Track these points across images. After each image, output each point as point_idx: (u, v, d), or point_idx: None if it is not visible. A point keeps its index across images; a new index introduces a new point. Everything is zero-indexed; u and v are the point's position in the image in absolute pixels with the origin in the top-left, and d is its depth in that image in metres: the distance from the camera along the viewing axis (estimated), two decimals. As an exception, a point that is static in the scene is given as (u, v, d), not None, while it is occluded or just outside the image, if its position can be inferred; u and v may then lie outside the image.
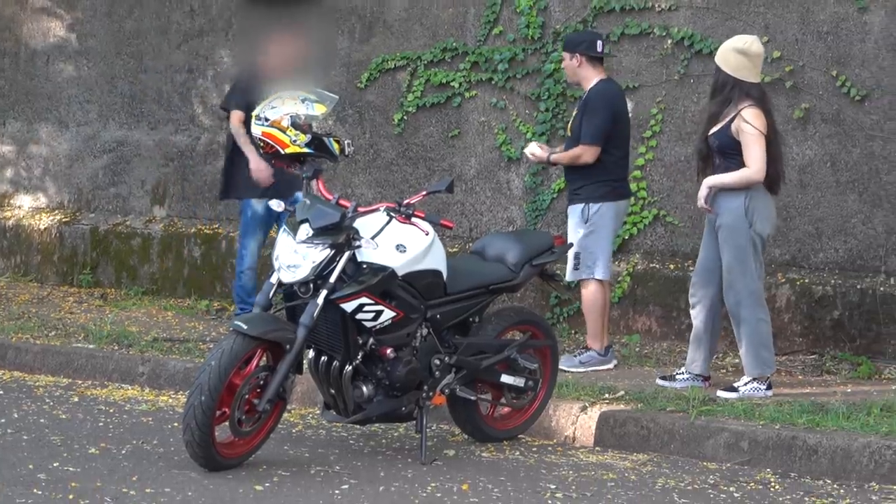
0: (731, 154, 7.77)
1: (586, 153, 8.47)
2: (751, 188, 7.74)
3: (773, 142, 7.78)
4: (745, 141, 7.71)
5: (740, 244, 7.80)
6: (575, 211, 8.57)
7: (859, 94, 9.02)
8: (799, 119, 9.17)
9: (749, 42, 7.85)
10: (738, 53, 7.79)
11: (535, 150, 8.72)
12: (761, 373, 7.86)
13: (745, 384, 7.84)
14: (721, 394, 7.78)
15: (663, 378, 8.13)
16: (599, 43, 8.62)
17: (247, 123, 8.32)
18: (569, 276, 8.58)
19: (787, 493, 6.50)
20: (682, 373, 8.10)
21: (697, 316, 8.05)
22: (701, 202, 7.86)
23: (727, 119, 7.76)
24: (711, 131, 7.82)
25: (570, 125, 8.72)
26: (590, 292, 8.57)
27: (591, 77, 8.60)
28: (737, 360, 8.77)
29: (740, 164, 7.74)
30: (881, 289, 8.97)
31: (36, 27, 11.99)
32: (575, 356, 8.63)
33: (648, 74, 9.64)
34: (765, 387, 7.84)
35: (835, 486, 6.70)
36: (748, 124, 7.69)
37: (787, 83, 9.17)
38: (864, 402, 7.57)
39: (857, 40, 9.07)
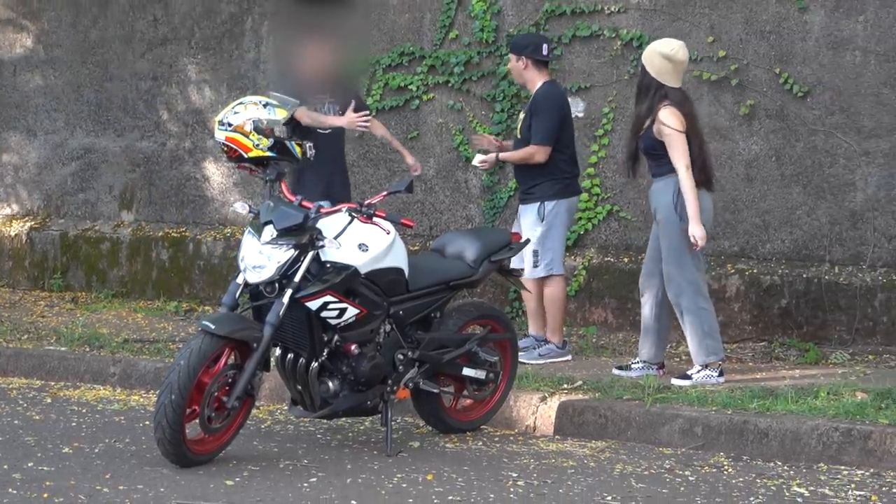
0: (656, 155, 7.92)
1: (538, 153, 8.54)
2: (679, 185, 7.83)
3: (693, 142, 7.84)
4: (667, 142, 7.81)
5: (674, 238, 7.92)
6: (530, 210, 8.62)
7: (801, 91, 9.17)
8: (744, 115, 9.31)
9: (675, 48, 7.93)
10: (663, 58, 7.88)
11: (479, 158, 8.75)
12: (707, 360, 7.97)
13: (698, 372, 7.96)
14: (675, 381, 7.89)
15: (619, 368, 8.25)
16: (545, 46, 8.68)
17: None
18: (528, 273, 8.57)
19: (739, 476, 6.58)
20: (637, 362, 8.24)
21: (646, 305, 8.18)
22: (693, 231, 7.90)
23: (650, 121, 7.88)
24: (640, 133, 7.94)
25: (519, 127, 8.75)
26: (553, 288, 8.63)
27: (536, 80, 8.66)
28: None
29: (667, 163, 7.86)
30: (826, 277, 9.12)
31: (2, 38, 11.94)
32: (534, 349, 8.74)
33: (599, 75, 9.74)
34: (716, 374, 7.96)
35: (785, 467, 6.79)
36: (664, 125, 7.81)
37: (733, 81, 9.31)
38: (812, 386, 7.68)
39: (799, 39, 9.20)
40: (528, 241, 8.16)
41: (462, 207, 10.27)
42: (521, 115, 8.80)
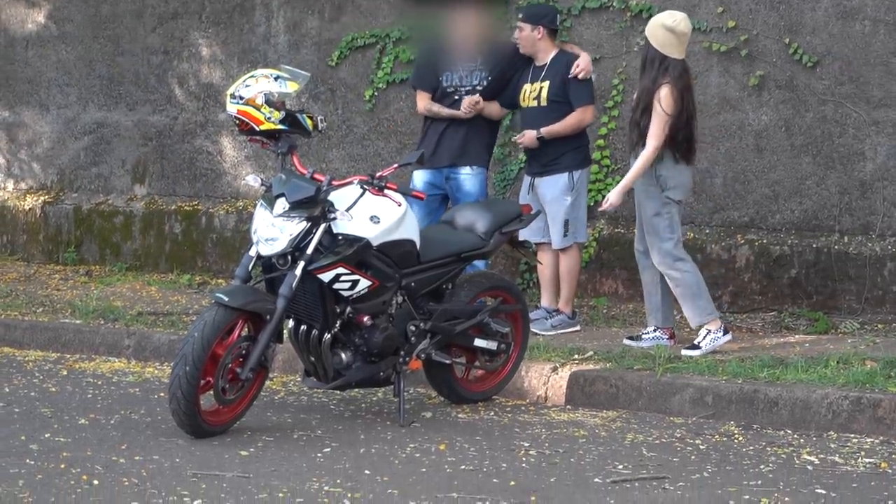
0: (649, 124, 7.95)
1: (587, 113, 8.60)
2: (661, 159, 7.92)
3: (682, 117, 7.88)
4: (652, 117, 7.89)
5: (651, 209, 8.02)
6: (557, 181, 8.59)
7: (811, 61, 9.16)
8: (754, 86, 9.31)
9: (678, 20, 7.95)
10: (665, 30, 7.90)
11: (525, 141, 8.72)
12: (703, 321, 8.02)
13: (704, 338, 8.01)
14: (685, 352, 7.93)
15: (630, 338, 8.30)
16: (557, 17, 8.82)
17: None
18: (557, 243, 8.61)
19: (749, 444, 6.63)
20: (648, 332, 8.31)
21: (644, 273, 8.27)
22: (613, 200, 8.05)
23: (648, 91, 7.92)
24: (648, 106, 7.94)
25: (541, 95, 8.66)
26: (573, 257, 8.69)
27: (549, 49, 8.69)
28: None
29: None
30: (836, 247, 9.13)
31: (14, 13, 11.94)
32: (545, 320, 8.79)
33: (609, 46, 9.74)
34: (721, 333, 8.02)
35: (795, 435, 6.83)
36: (657, 103, 7.87)
37: (742, 52, 9.31)
38: (822, 355, 7.72)
39: (808, 9, 9.18)
40: (538, 212, 8.17)
41: (473, 179, 10.25)
42: (535, 84, 8.71)
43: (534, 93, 8.71)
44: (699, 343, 8.03)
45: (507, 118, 9.80)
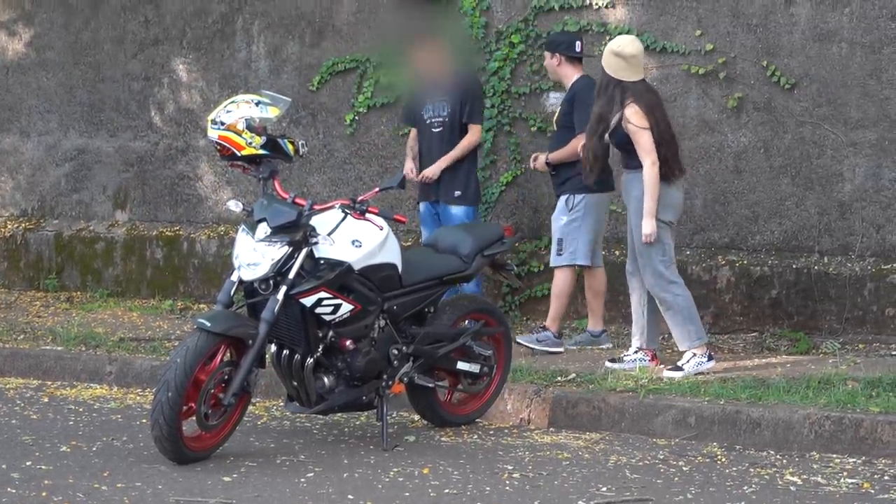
0: (628, 149, 8.04)
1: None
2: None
3: (658, 137, 7.95)
4: (633, 139, 7.96)
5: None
6: (560, 202, 8.81)
7: (789, 83, 9.22)
8: (733, 108, 9.35)
9: (623, 43, 8.12)
10: (614, 55, 8.06)
11: (537, 166, 8.99)
12: (693, 345, 8.04)
13: (688, 361, 8.03)
14: (667, 374, 7.94)
15: (612, 361, 8.33)
16: (578, 43, 8.97)
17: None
18: (552, 261, 8.82)
19: (733, 465, 6.65)
20: (629, 354, 8.31)
21: (633, 294, 8.29)
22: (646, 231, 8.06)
23: (617, 117, 7.99)
24: (610, 131, 8.03)
25: (555, 119, 8.97)
26: (562, 278, 8.81)
27: (571, 75, 8.90)
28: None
29: (637, 157, 7.99)
30: (815, 268, 9.17)
31: (-6, 40, 12.03)
32: (533, 333, 8.85)
33: (589, 69, 9.63)
34: (706, 359, 8.05)
35: (778, 456, 6.87)
36: (629, 123, 7.94)
37: (721, 74, 9.36)
38: (803, 375, 7.74)
39: (786, 31, 9.25)
40: (521, 235, 8.22)
41: (454, 203, 10.28)
42: (557, 109, 9.03)
43: (555, 116, 9.05)
44: (682, 365, 8.05)
45: (489, 141, 9.86)
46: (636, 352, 8.28)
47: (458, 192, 9.18)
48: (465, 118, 9.24)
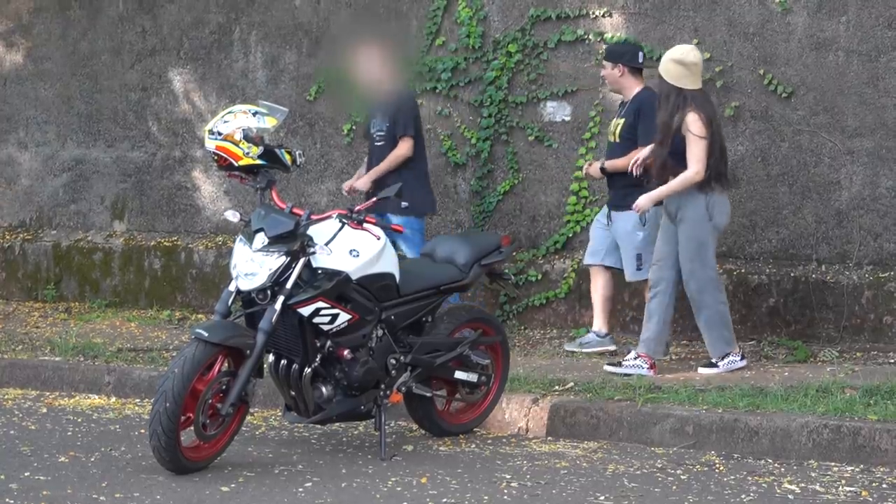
0: (683, 155, 8.13)
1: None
2: (711, 187, 8.11)
3: (714, 142, 8.11)
4: (687, 144, 8.07)
5: (701, 237, 8.17)
6: (630, 217, 8.59)
7: (786, 92, 9.24)
8: (730, 117, 9.36)
9: (685, 52, 8.21)
10: (676, 63, 8.15)
11: (590, 171, 8.94)
12: (724, 352, 8.24)
13: (722, 359, 8.26)
14: (701, 370, 8.21)
15: (610, 364, 8.38)
16: (640, 54, 8.90)
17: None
18: (631, 276, 8.74)
19: (731, 474, 6.65)
20: (629, 359, 8.33)
21: (652, 300, 8.34)
22: (642, 205, 8.22)
23: (676, 124, 8.10)
24: (670, 138, 8.13)
25: (616, 131, 8.81)
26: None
27: (632, 86, 8.83)
28: (678, 349, 9.04)
29: None
30: (813, 276, 9.18)
31: (-9, 51, 12.04)
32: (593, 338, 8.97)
33: (585, 79, 9.80)
34: (738, 358, 8.30)
35: (776, 464, 6.86)
36: (689, 130, 8.06)
37: (718, 83, 9.36)
38: (801, 384, 7.74)
39: (782, 40, 9.27)
40: (512, 242, 8.16)
41: (451, 212, 10.31)
42: (616, 120, 8.87)
43: (615, 128, 8.88)
44: (717, 362, 8.25)
45: (486, 151, 9.85)
46: (636, 357, 8.30)
47: (404, 204, 9.08)
48: (398, 131, 9.25)
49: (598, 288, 8.95)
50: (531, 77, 9.98)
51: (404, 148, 9.26)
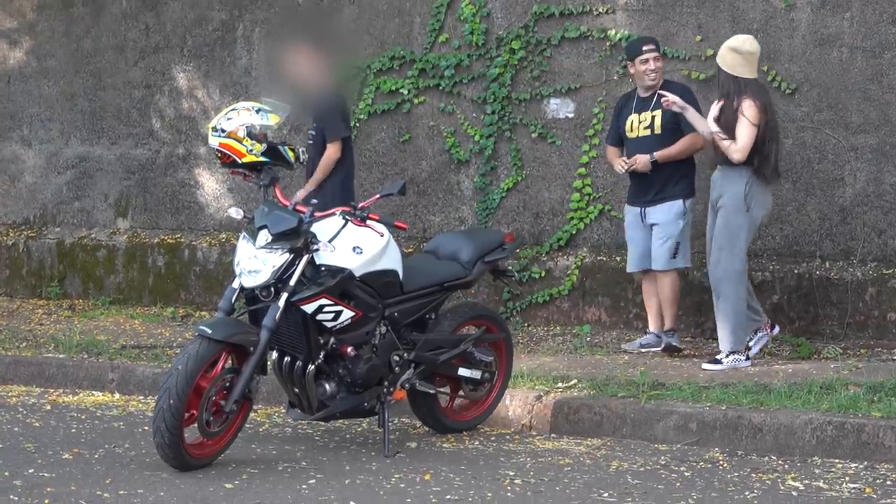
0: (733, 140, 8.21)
1: (698, 139, 8.65)
2: (753, 177, 8.20)
3: (767, 135, 8.19)
4: (737, 127, 8.15)
5: (736, 225, 8.25)
6: (672, 207, 8.71)
7: (790, 88, 9.24)
8: (734, 113, 9.43)
9: (742, 41, 8.31)
10: (732, 52, 8.25)
11: (635, 164, 8.81)
12: (733, 348, 8.28)
13: (727, 356, 8.28)
14: (706, 366, 8.21)
15: (710, 362, 8.38)
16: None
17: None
18: (664, 265, 8.73)
19: (734, 471, 6.65)
20: (722, 357, 8.38)
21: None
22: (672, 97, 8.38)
23: (732, 109, 8.19)
24: (718, 118, 8.23)
25: (658, 124, 8.78)
26: (675, 280, 8.81)
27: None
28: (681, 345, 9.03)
29: None
30: (817, 273, 9.18)
31: (-5, 49, 12.05)
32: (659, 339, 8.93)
33: (589, 76, 9.81)
34: (744, 358, 8.30)
35: (779, 461, 6.87)
36: (742, 115, 8.15)
37: (721, 79, 9.45)
38: (805, 380, 7.74)
39: (786, 36, 9.27)
40: (515, 240, 8.16)
41: (455, 209, 10.32)
42: (647, 113, 8.84)
43: (644, 122, 8.84)
44: (721, 359, 8.29)
45: (489, 148, 9.86)
46: (729, 354, 8.37)
47: (314, 200, 9.08)
48: (327, 134, 9.24)
49: (663, 289, 8.87)
50: (534, 74, 9.98)
51: (332, 151, 9.26)
